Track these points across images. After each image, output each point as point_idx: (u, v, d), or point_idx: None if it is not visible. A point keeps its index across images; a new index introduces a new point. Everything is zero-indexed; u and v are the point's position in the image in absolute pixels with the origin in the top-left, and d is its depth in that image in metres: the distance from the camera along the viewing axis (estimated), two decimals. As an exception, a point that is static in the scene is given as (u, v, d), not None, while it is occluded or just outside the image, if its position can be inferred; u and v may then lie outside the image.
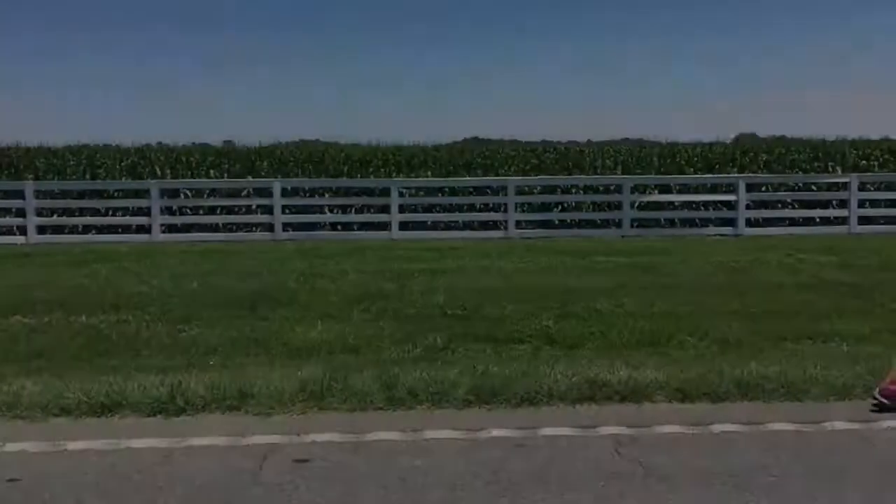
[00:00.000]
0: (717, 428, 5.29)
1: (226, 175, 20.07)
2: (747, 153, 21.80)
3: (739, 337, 7.97)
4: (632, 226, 17.51)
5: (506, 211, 17.38)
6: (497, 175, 19.52)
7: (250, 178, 19.33)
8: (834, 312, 8.81)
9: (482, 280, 11.01)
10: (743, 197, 17.26)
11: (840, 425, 5.35)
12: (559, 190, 18.88)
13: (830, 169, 20.43)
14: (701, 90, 78.91)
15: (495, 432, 5.27)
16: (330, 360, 7.26)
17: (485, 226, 17.85)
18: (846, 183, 17.74)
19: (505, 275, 11.41)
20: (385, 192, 17.66)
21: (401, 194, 17.71)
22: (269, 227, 17.52)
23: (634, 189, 18.11)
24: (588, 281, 10.80)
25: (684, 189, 18.59)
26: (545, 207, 18.51)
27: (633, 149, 22.55)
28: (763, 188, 18.50)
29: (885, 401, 5.54)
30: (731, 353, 7.32)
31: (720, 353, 7.44)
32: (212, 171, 20.64)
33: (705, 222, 17.87)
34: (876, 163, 20.93)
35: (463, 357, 7.42)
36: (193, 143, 23.99)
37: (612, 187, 18.27)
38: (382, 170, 20.56)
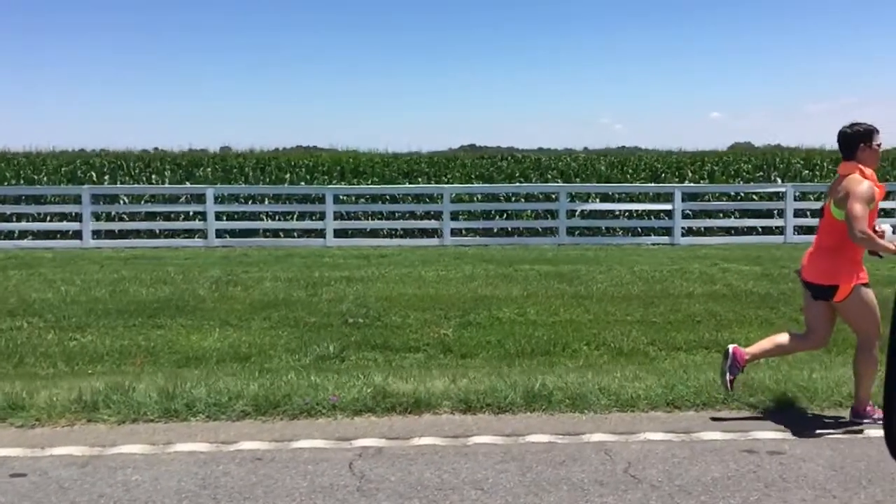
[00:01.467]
0: (473, 440, 5.07)
1: (167, 181, 19.93)
2: (694, 162, 21.94)
3: (634, 346, 7.92)
4: (568, 234, 17.44)
5: (441, 219, 17.24)
6: (443, 183, 19.48)
7: (188, 184, 19.13)
8: (736, 322, 8.78)
9: (397, 288, 10.88)
10: (679, 206, 17.23)
11: (551, 438, 5.13)
12: (501, 198, 18.80)
13: (773, 179, 20.56)
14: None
15: (244, 445, 5.01)
16: (215, 368, 7.12)
17: (422, 233, 17.72)
18: (784, 192, 17.78)
19: (422, 283, 11.28)
20: (321, 200, 17.48)
21: (336, 201, 17.55)
22: (204, 234, 17.28)
23: (574, 198, 18.05)
24: (503, 290, 10.70)
25: (625, 198, 18.55)
26: (485, 216, 18.44)
27: (584, 157, 22.62)
28: (706, 197, 18.50)
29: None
30: (617, 362, 7.27)
31: (609, 361, 7.39)
32: (154, 177, 20.49)
33: (647, 231, 17.84)
34: (819, 172, 21.08)
35: (353, 366, 7.32)
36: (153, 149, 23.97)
37: (550, 196, 18.15)
38: (326, 177, 20.49)
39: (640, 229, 17.94)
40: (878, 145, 5.39)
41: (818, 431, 5.25)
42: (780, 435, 5.17)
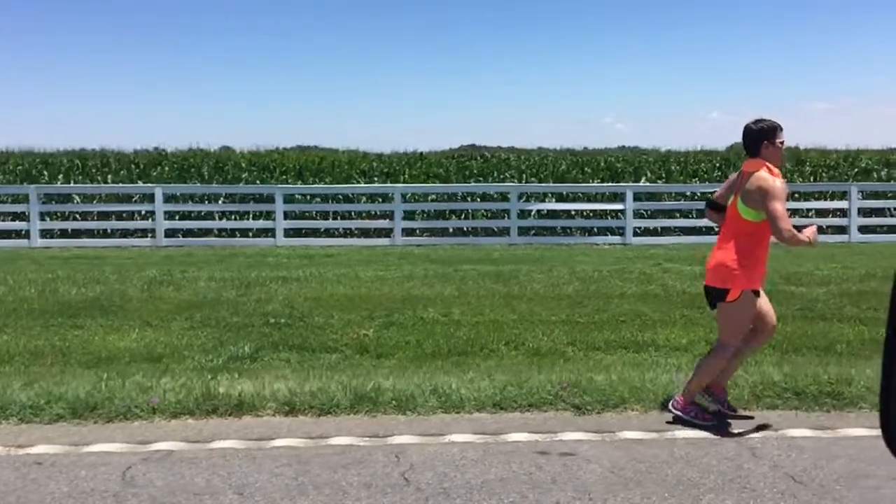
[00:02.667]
0: (273, 444, 5.00)
1: (122, 181, 19.80)
2: (655, 162, 21.99)
3: (553, 347, 7.87)
4: (522, 234, 17.40)
5: (393, 219, 17.16)
6: (397, 182, 19.42)
7: (140, 184, 18.98)
8: (660, 322, 8.75)
9: (330, 288, 10.80)
10: (630, 206, 17.24)
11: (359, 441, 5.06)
12: (458, 198, 18.73)
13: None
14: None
15: (36, 449, 4.89)
16: (123, 369, 7.00)
17: (376, 233, 17.64)
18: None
19: (357, 283, 11.20)
20: (271, 199, 17.37)
21: (289, 201, 17.46)
22: (153, 233, 17.13)
23: (530, 198, 18.03)
24: (436, 290, 10.63)
25: (581, 198, 18.53)
26: (440, 215, 18.39)
27: (546, 156, 22.61)
28: (661, 197, 18.51)
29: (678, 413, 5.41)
30: (532, 363, 7.22)
31: (524, 362, 7.34)
32: (110, 177, 20.33)
33: (603, 231, 17.83)
34: (789, 174, 21.15)
35: (266, 367, 7.24)
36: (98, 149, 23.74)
37: (504, 195, 18.09)
38: (284, 176, 20.40)
39: (596, 229, 17.92)
40: (782, 143, 5.35)
41: (625, 433, 5.19)
42: (586, 436, 5.12)
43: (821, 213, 18.98)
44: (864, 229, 18.29)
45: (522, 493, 4.23)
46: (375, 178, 19.79)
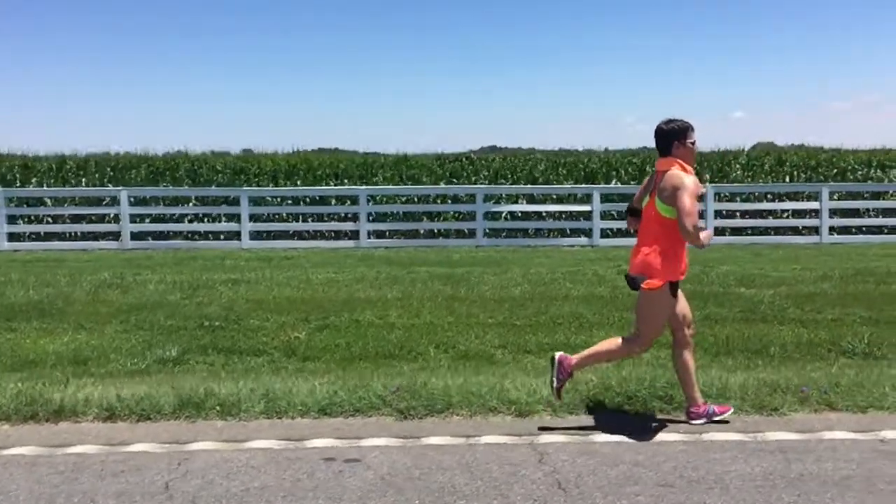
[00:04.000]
0: (67, 451, 4.93)
1: (98, 184, 19.76)
2: (632, 163, 21.84)
3: (482, 349, 7.81)
4: (490, 236, 17.34)
5: (358, 221, 17.11)
6: (371, 185, 19.38)
7: (111, 187, 18.93)
8: (597, 324, 8.69)
9: (277, 291, 10.73)
10: (598, 208, 17.17)
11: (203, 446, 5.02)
12: (426, 199, 18.66)
13: (703, 181, 20.53)
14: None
15: None
16: (45, 373, 6.95)
17: (346, 236, 17.57)
18: (704, 193, 17.74)
19: (306, 285, 11.14)
20: (237, 202, 17.32)
21: (254, 203, 17.41)
22: (119, 236, 17.10)
23: (499, 200, 17.96)
24: (383, 292, 10.57)
25: (552, 200, 18.46)
26: (410, 217, 18.33)
27: (522, 157, 22.48)
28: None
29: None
30: (456, 366, 7.16)
31: (449, 364, 7.28)
32: (84, 181, 20.27)
33: (572, 233, 17.78)
34: (750, 174, 21.08)
35: (190, 370, 7.21)
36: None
37: (469, 197, 18.00)
38: (257, 179, 20.31)
39: (568, 230, 17.84)
40: (693, 143, 5.31)
41: (431, 439, 5.11)
42: (389, 442, 5.06)
43: (795, 213, 18.88)
44: (837, 230, 18.21)
45: (270, 501, 4.18)
46: (346, 181, 19.69)
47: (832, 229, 18.18)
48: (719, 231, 17.92)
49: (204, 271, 12.65)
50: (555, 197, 18.45)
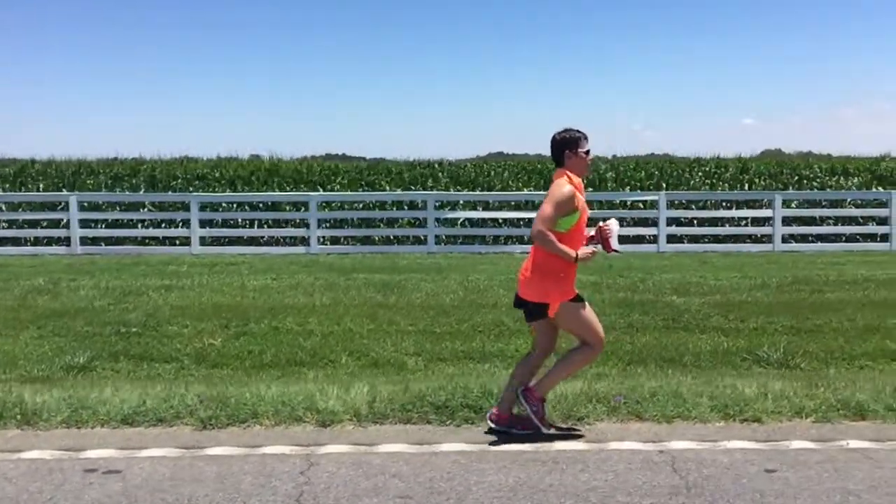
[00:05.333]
0: None
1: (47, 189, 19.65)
2: (594, 170, 21.87)
3: (394, 357, 7.78)
4: (442, 242, 17.31)
5: (309, 227, 17.06)
6: (334, 191, 19.38)
7: (64, 192, 18.81)
8: (518, 332, 8.65)
9: (207, 297, 10.67)
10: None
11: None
12: (377, 206, 18.58)
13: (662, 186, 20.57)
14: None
15: None
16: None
17: (301, 242, 17.49)
18: (654, 200, 17.82)
19: (239, 292, 11.09)
20: (187, 207, 17.24)
21: (203, 209, 17.34)
22: (68, 242, 17.00)
23: (456, 206, 17.94)
24: (312, 298, 10.54)
25: (509, 206, 18.41)
26: (366, 223, 18.29)
27: (495, 164, 22.45)
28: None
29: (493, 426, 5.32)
30: (364, 373, 7.13)
31: (358, 372, 7.27)
32: (40, 185, 20.16)
33: (522, 240, 17.71)
34: (709, 182, 21.13)
35: (96, 377, 7.15)
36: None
37: (422, 203, 18.00)
38: (217, 184, 20.23)
39: (525, 237, 17.75)
40: (586, 152, 5.27)
41: (213, 450, 5.02)
42: (168, 452, 4.95)
43: (754, 221, 18.86)
44: (795, 238, 18.27)
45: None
46: (302, 187, 19.62)
47: (790, 237, 18.23)
48: (678, 238, 17.95)
49: (142, 277, 12.56)
50: (513, 204, 18.40)
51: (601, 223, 5.34)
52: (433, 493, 4.31)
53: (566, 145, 5.21)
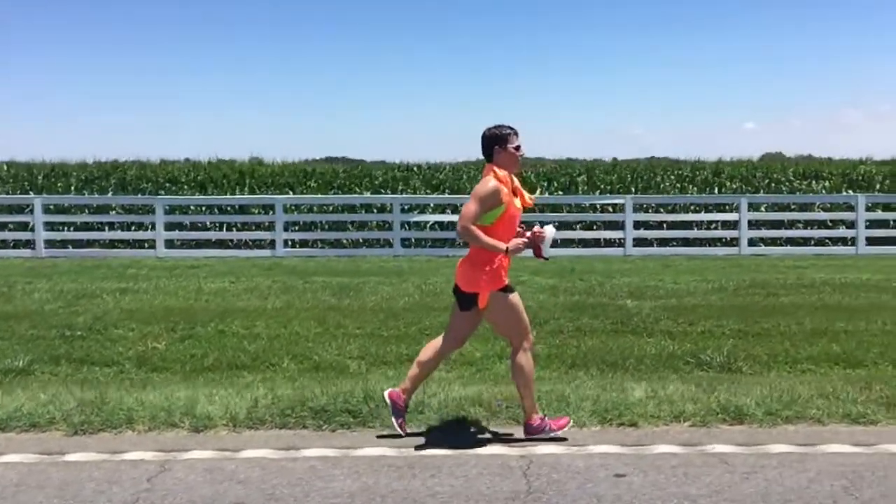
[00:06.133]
0: None
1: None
2: (561, 172, 21.90)
3: (339, 360, 7.77)
4: (410, 245, 17.29)
5: (274, 229, 17.04)
6: (300, 193, 19.35)
7: (31, 195, 18.74)
8: (464, 335, 8.63)
9: (160, 300, 10.65)
10: (516, 218, 17.15)
11: None
12: (343, 209, 18.56)
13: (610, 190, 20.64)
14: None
15: None
16: None
17: (265, 245, 17.45)
18: (621, 204, 17.86)
19: (194, 295, 11.05)
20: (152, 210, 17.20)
21: (169, 212, 17.30)
22: (33, 245, 16.94)
23: (425, 210, 17.93)
24: (266, 302, 10.52)
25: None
26: (336, 227, 18.26)
27: (463, 167, 22.44)
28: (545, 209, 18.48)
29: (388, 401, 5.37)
30: (303, 376, 7.11)
31: (299, 375, 7.23)
32: (9, 188, 20.11)
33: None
34: (679, 185, 21.19)
35: (33, 380, 7.09)
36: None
37: (387, 206, 17.97)
38: (186, 187, 20.19)
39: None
40: (516, 148, 5.30)
41: (75, 455, 5.02)
42: (24, 458, 4.94)
43: (724, 225, 18.89)
44: (764, 242, 18.33)
45: None
46: (269, 190, 19.60)
47: (760, 241, 18.29)
48: (647, 242, 17.98)
49: (100, 280, 12.51)
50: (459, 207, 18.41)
51: (536, 228, 5.36)
52: (271, 499, 4.33)
53: (495, 141, 5.28)
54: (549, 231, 5.38)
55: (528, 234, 5.34)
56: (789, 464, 4.82)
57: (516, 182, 5.37)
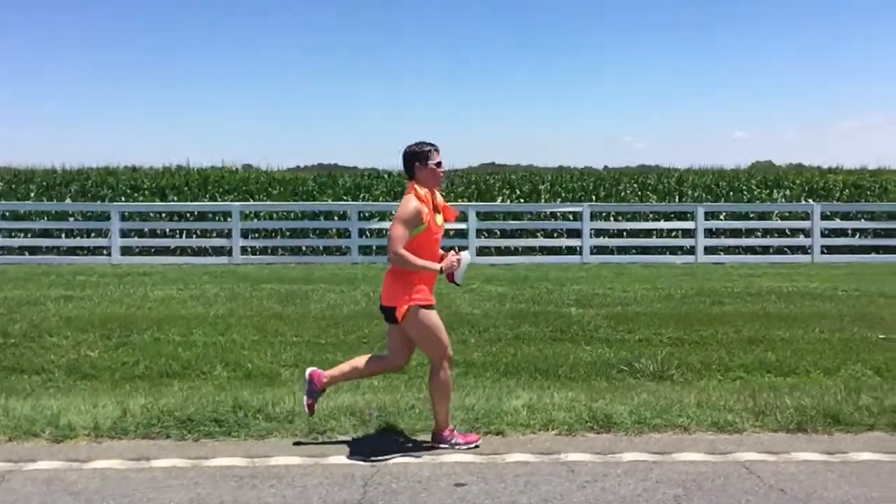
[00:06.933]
0: None
1: None
2: (524, 182, 21.99)
3: (268, 368, 7.77)
4: (363, 253, 17.29)
5: (231, 237, 17.00)
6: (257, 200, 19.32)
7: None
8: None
9: (102, 308, 10.58)
10: (473, 225, 17.22)
11: None
12: (316, 216, 18.56)
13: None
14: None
15: None
16: None
17: (225, 252, 17.38)
18: (579, 212, 17.95)
19: (138, 302, 11.00)
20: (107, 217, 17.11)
21: (126, 218, 17.22)
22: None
23: (386, 217, 17.94)
24: (210, 309, 10.47)
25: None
26: (298, 234, 18.22)
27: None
28: (497, 217, 18.57)
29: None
30: (232, 384, 7.09)
31: (229, 382, 7.23)
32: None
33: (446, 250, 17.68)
34: (639, 194, 21.30)
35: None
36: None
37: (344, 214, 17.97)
38: (146, 192, 20.10)
39: (455, 248, 17.72)
40: (438, 164, 5.30)
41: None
42: None
43: (685, 233, 18.95)
44: (723, 250, 18.45)
45: None
46: (229, 196, 19.55)
47: (719, 249, 18.38)
48: (607, 250, 18.04)
49: (46, 287, 12.44)
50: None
51: (451, 253, 5.36)
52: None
53: (416, 158, 5.28)
54: (465, 258, 5.40)
55: (447, 256, 5.33)
56: (634, 472, 4.82)
57: (439, 198, 5.38)
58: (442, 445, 5.27)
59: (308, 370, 5.47)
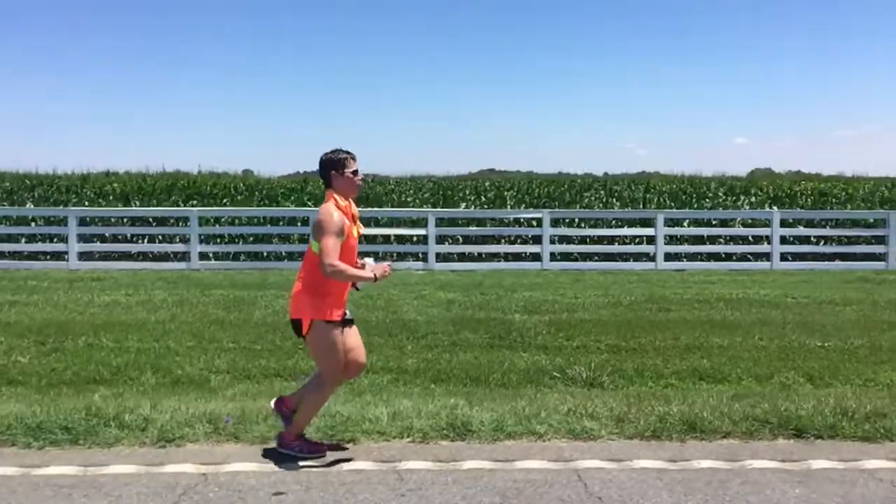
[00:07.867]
0: None
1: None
2: (491, 187, 22.05)
3: (200, 374, 7.74)
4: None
5: (189, 242, 16.95)
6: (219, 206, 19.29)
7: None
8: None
9: (47, 312, 10.56)
10: (433, 231, 17.21)
11: None
12: (281, 221, 18.51)
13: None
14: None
15: None
16: None
17: (185, 257, 17.31)
18: (539, 218, 17.99)
19: (82, 307, 10.96)
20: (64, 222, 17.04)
21: (86, 223, 17.16)
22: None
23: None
24: (153, 315, 10.46)
25: (403, 223, 18.42)
26: (262, 239, 18.18)
27: (394, 182, 22.49)
28: (459, 222, 18.58)
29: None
30: (159, 390, 7.06)
31: (156, 389, 7.18)
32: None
33: (410, 256, 17.69)
34: (605, 199, 21.39)
35: None
36: None
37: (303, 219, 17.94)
38: (112, 198, 20.03)
39: (420, 254, 17.65)
40: (354, 172, 5.24)
41: None
42: None
43: (649, 240, 18.95)
44: (686, 257, 18.50)
45: None
46: (193, 201, 19.52)
47: (683, 256, 18.43)
48: (570, 257, 18.09)
49: (-2, 293, 12.36)
50: (408, 220, 18.42)
51: (357, 259, 5.32)
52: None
53: (332, 166, 5.19)
54: (369, 264, 5.34)
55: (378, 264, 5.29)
56: (464, 481, 4.81)
57: (355, 208, 5.32)
58: (287, 452, 5.23)
59: (272, 402, 5.41)
